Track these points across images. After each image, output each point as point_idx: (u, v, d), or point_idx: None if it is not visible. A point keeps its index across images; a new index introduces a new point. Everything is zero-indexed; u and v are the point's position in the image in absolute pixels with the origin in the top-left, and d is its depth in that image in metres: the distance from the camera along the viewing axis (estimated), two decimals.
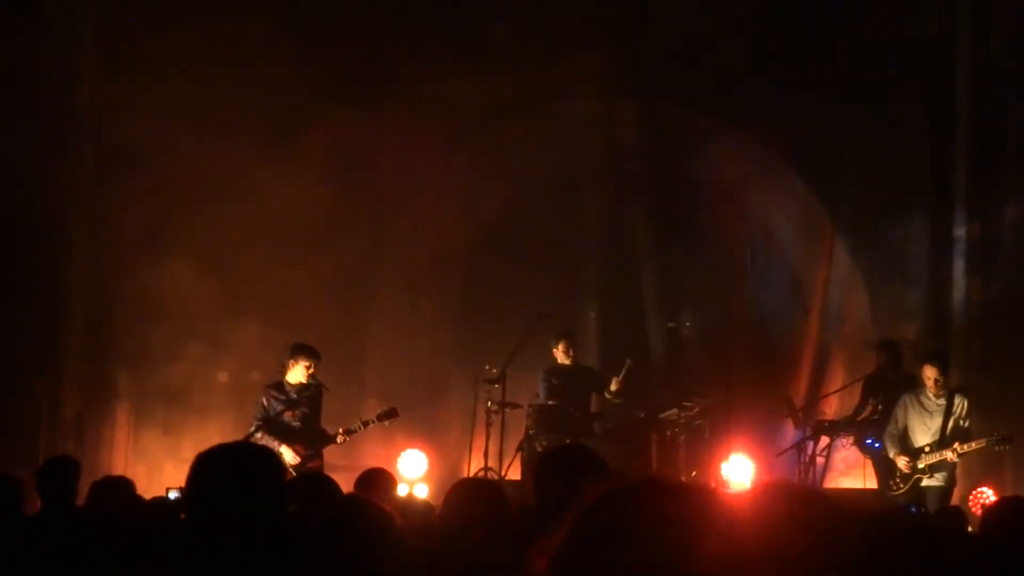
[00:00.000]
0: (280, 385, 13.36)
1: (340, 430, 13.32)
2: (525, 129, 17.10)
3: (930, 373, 13.04)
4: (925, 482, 12.98)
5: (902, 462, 13.03)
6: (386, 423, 13.67)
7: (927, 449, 12.94)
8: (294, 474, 11.67)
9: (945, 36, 16.75)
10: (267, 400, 13.28)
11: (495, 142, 17.11)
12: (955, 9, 16.79)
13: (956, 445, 12.81)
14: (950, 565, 4.45)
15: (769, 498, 2.60)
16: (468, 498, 5.98)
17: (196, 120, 15.35)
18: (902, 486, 12.98)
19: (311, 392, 13.36)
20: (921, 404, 13.10)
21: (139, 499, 8.36)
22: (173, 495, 10.24)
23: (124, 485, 8.61)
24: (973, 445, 12.89)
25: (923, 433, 13.04)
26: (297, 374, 13.30)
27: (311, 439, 13.24)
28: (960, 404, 13.04)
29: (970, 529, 8.87)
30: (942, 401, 12.99)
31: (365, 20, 16.52)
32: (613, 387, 14.82)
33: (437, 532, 6.01)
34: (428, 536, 6.03)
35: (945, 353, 13.90)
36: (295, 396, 13.28)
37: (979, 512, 12.12)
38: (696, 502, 2.21)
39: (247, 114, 15.63)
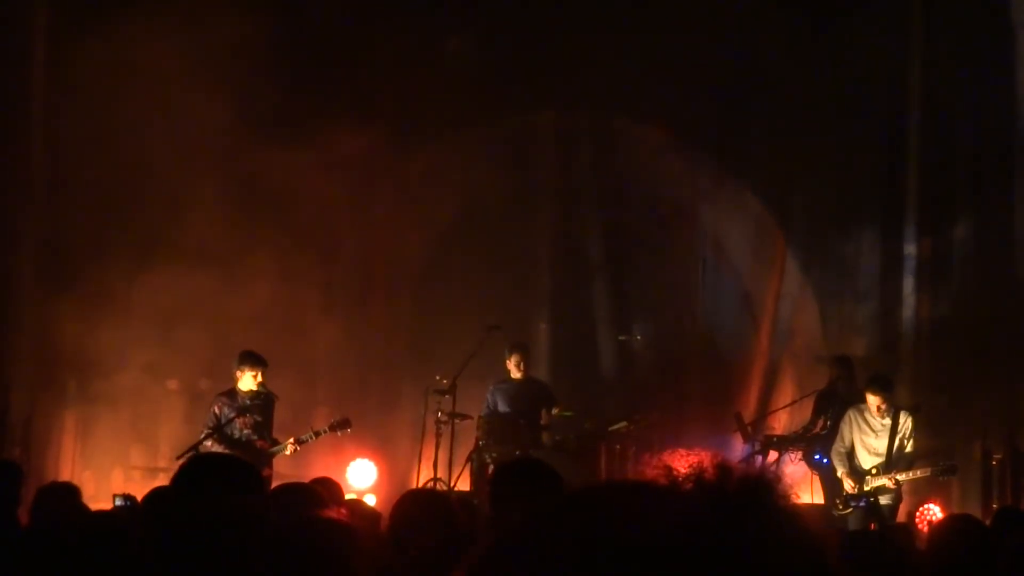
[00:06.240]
0: (232, 393, 13.21)
1: (291, 440, 13.19)
2: (479, 141, 17.11)
3: (873, 399, 12.81)
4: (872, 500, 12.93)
5: (848, 484, 12.92)
6: (338, 433, 13.59)
7: (873, 471, 12.76)
8: None
9: (896, 56, 16.86)
10: (218, 408, 13.14)
11: (448, 154, 17.11)
12: (906, 31, 16.89)
13: (899, 475, 12.71)
14: None
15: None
16: (418, 510, 5.95)
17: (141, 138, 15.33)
18: (849, 505, 12.88)
19: (263, 400, 13.25)
20: (866, 422, 12.89)
21: (84, 507, 8.27)
22: (119, 502, 10.12)
23: (69, 492, 8.52)
24: (918, 473, 12.81)
25: (869, 453, 12.86)
26: (247, 382, 13.18)
27: (261, 448, 13.12)
28: (905, 423, 12.84)
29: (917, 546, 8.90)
30: (887, 420, 12.80)
31: (322, 29, 16.52)
32: (554, 411, 14.84)
33: (386, 542, 5.98)
34: (376, 543, 6.00)
35: (887, 377, 13.68)
36: (247, 403, 13.15)
37: (926, 529, 12.17)
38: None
39: (201, 121, 15.52)
